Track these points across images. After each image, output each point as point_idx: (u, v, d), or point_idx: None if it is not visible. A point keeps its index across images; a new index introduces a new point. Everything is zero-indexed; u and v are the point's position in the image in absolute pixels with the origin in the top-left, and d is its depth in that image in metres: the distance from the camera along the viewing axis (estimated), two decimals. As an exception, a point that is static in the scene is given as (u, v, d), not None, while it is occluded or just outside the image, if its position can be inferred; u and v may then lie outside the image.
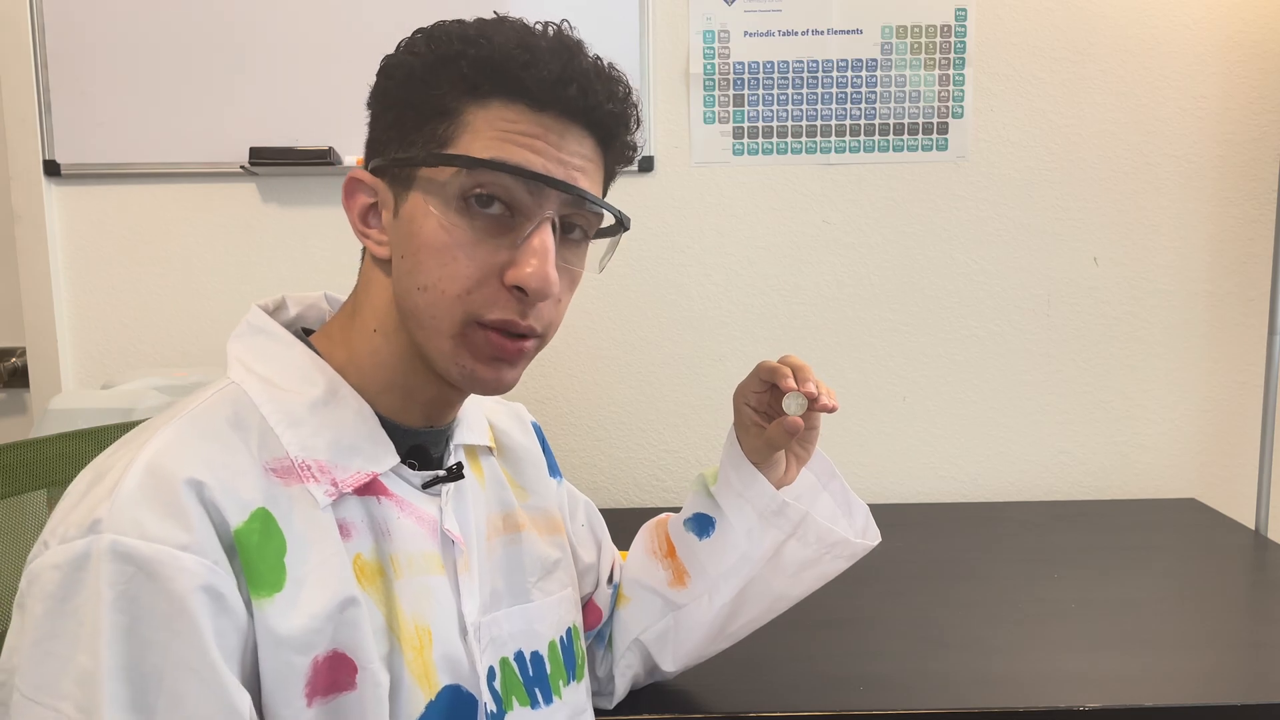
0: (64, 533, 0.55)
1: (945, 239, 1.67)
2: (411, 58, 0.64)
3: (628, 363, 1.69)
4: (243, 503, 0.58)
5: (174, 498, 0.55)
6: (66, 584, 0.53)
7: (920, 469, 1.73)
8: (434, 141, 0.63)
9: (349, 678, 0.60)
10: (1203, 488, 1.73)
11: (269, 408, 0.63)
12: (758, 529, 0.84)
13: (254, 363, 0.66)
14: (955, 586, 1.26)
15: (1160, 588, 1.26)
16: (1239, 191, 1.67)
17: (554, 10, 1.59)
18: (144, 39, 1.57)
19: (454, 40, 0.63)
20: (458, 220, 0.62)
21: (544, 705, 0.74)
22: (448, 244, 0.62)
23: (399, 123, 0.64)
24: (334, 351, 0.68)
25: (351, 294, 0.71)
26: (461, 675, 0.68)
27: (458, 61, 0.62)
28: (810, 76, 1.63)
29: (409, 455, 0.69)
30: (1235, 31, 1.63)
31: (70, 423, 1.20)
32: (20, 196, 1.60)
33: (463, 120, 0.62)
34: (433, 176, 0.63)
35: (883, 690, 0.98)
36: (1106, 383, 1.71)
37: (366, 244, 0.67)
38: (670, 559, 0.92)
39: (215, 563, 0.55)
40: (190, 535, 0.55)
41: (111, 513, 0.54)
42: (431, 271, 0.62)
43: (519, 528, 0.78)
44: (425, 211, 0.63)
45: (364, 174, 0.67)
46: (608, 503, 1.72)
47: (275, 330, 0.68)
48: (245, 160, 1.58)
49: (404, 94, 0.64)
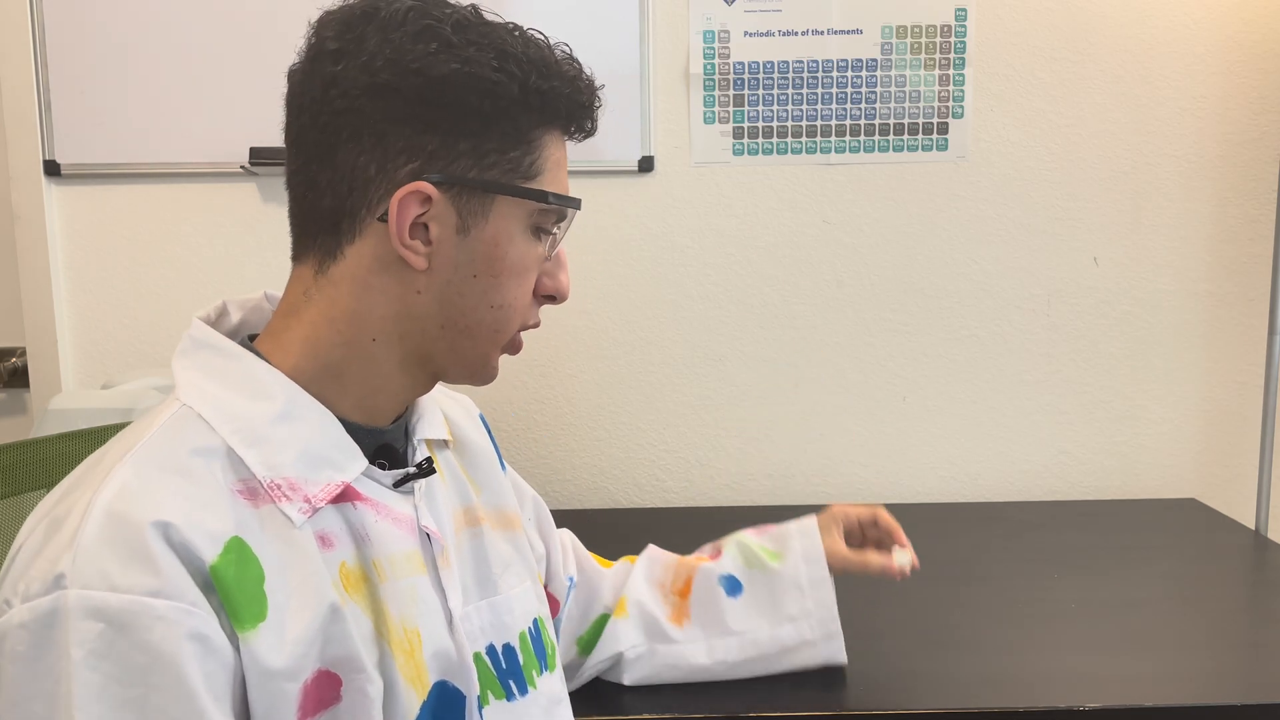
0: (25, 589, 0.53)
1: (945, 239, 1.67)
2: (495, 77, 0.62)
3: (628, 363, 1.69)
4: (213, 535, 0.56)
5: (139, 542, 0.53)
6: (36, 644, 0.52)
7: (920, 469, 1.73)
8: (518, 171, 0.65)
9: (334, 692, 0.60)
10: (1203, 488, 1.73)
11: (227, 428, 0.60)
12: (801, 625, 0.97)
13: (203, 381, 0.63)
14: (955, 586, 1.26)
15: (1160, 588, 1.26)
16: (1239, 191, 1.67)
17: (555, 10, 1.59)
18: (144, 39, 1.57)
19: (532, 69, 0.64)
20: (534, 245, 0.68)
21: (520, 696, 0.74)
22: (529, 267, 0.67)
23: (476, 142, 0.64)
24: (284, 358, 0.65)
25: (303, 297, 0.66)
26: (450, 670, 0.68)
27: (555, 101, 0.65)
28: (810, 76, 1.63)
29: (376, 455, 0.68)
30: (1235, 31, 1.63)
31: (70, 423, 1.20)
32: (20, 196, 1.60)
33: (544, 155, 0.67)
34: (516, 207, 0.66)
35: (883, 690, 0.98)
36: (1106, 383, 1.71)
37: (405, 254, 0.63)
38: (680, 598, 0.98)
39: (193, 604, 0.54)
40: (160, 579, 0.53)
41: (75, 565, 0.52)
42: (510, 291, 0.67)
43: (479, 522, 0.77)
44: (510, 237, 0.66)
45: (430, 189, 0.63)
46: (608, 503, 1.72)
47: (219, 343, 0.65)
48: (245, 160, 1.58)
49: (481, 113, 0.63)
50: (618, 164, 1.63)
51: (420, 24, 0.62)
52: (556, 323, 1.66)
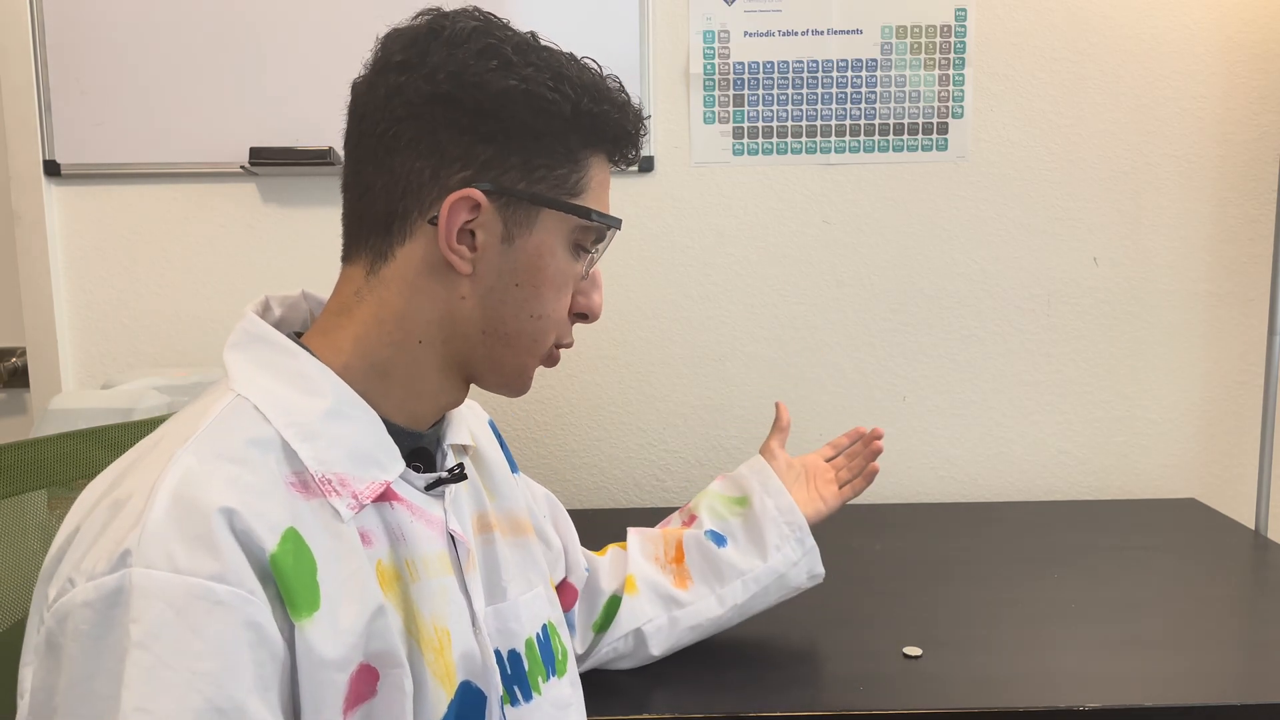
0: (91, 568, 0.53)
1: (945, 239, 1.67)
2: (551, 96, 0.66)
3: (628, 363, 1.69)
4: (273, 525, 0.57)
5: (205, 528, 0.54)
6: (101, 621, 0.52)
7: (920, 469, 1.73)
8: (564, 188, 0.68)
9: (371, 686, 0.61)
10: (1203, 488, 1.73)
11: (282, 421, 0.62)
12: (785, 549, 1.03)
13: (256, 373, 0.64)
14: (955, 586, 1.26)
15: (1160, 588, 1.26)
16: (1239, 191, 1.67)
17: (555, 10, 1.59)
18: (144, 39, 1.57)
19: (585, 93, 0.67)
20: (574, 261, 0.71)
21: (524, 702, 0.75)
22: (567, 282, 0.70)
23: (526, 156, 0.67)
24: (333, 356, 0.67)
25: (354, 297, 0.68)
26: (474, 671, 0.69)
27: (604, 125, 0.69)
28: (810, 76, 1.63)
29: (411, 458, 0.70)
30: (1235, 32, 1.63)
31: (70, 423, 1.20)
32: (20, 196, 1.60)
33: (590, 175, 0.70)
34: (560, 222, 0.68)
35: (883, 690, 0.98)
36: (1106, 383, 1.71)
37: (451, 258, 0.66)
38: (676, 565, 1.02)
39: (251, 591, 0.54)
40: (222, 565, 0.54)
41: (140, 544, 0.53)
42: (549, 302, 0.69)
43: (491, 528, 0.79)
44: (552, 250, 0.69)
45: (480, 196, 0.65)
46: (607, 503, 1.72)
47: (273, 337, 0.66)
48: (245, 160, 1.58)
49: (534, 129, 0.66)
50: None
51: (483, 42, 0.65)
52: (556, 323, 1.66)
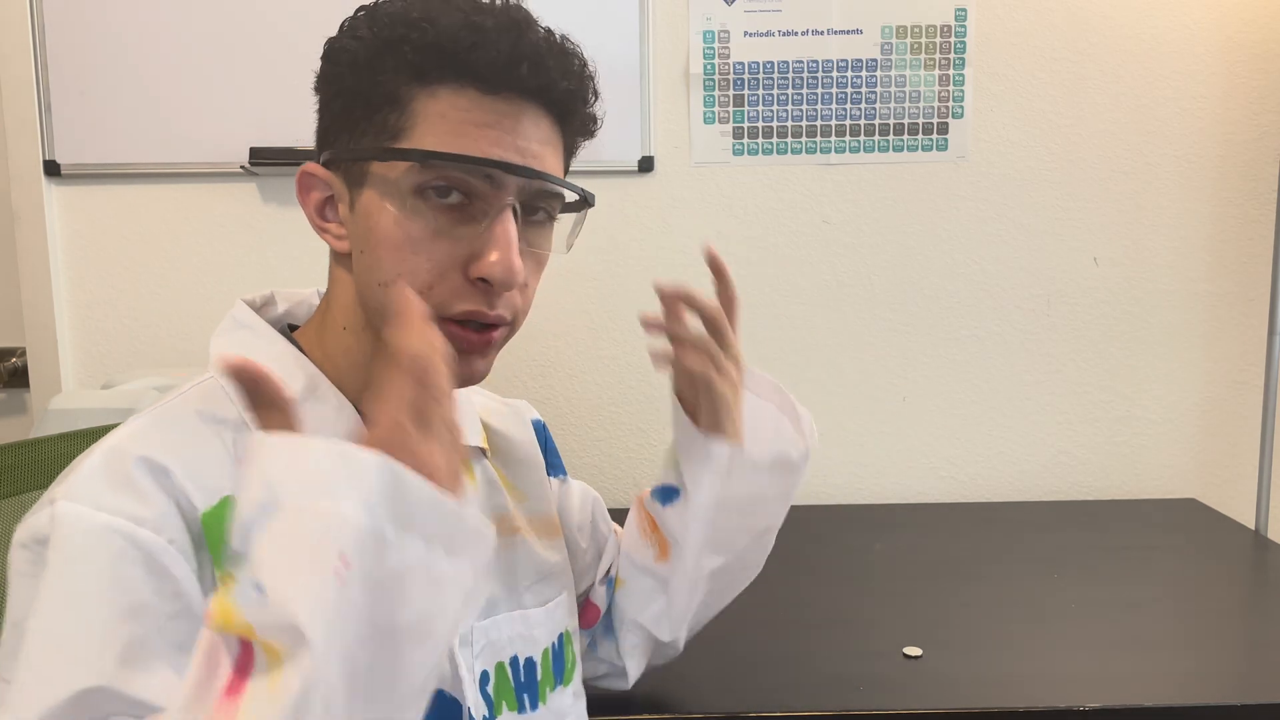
0: (27, 517, 0.55)
1: (945, 239, 1.67)
2: (355, 42, 0.62)
3: (628, 363, 1.69)
4: (210, 489, 0.57)
5: (132, 474, 0.55)
6: (34, 559, 0.54)
7: (920, 469, 1.72)
8: (385, 133, 0.61)
9: None
10: (1203, 488, 1.73)
11: None
12: (700, 476, 0.81)
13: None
14: (955, 586, 1.26)
15: (1160, 588, 1.26)
16: (1239, 191, 1.66)
17: (554, 10, 1.59)
18: (144, 39, 1.57)
19: (397, 24, 0.60)
20: (415, 214, 0.60)
21: (530, 711, 0.74)
22: (406, 239, 0.60)
23: (347, 112, 0.63)
24: (312, 349, 0.68)
25: (326, 291, 0.70)
26: (444, 680, 0.67)
27: (401, 47, 0.60)
28: (810, 77, 1.63)
29: None
30: (1235, 32, 1.63)
31: (70, 423, 1.20)
32: (20, 196, 1.60)
33: (413, 109, 0.60)
34: (387, 170, 0.61)
35: (883, 690, 0.98)
36: (1106, 383, 1.71)
37: (325, 239, 0.66)
38: (654, 533, 0.89)
39: (170, 541, 0.54)
40: (147, 509, 0.54)
41: (68, 487, 0.55)
42: (391, 267, 0.61)
43: (514, 531, 0.77)
44: (380, 206, 0.61)
45: (317, 168, 0.65)
46: (608, 503, 1.70)
47: (258, 325, 0.68)
48: (245, 160, 1.58)
49: (350, 81, 0.62)
50: (617, 164, 1.63)
51: (357, 15, 0.64)
52: (556, 322, 1.66)
